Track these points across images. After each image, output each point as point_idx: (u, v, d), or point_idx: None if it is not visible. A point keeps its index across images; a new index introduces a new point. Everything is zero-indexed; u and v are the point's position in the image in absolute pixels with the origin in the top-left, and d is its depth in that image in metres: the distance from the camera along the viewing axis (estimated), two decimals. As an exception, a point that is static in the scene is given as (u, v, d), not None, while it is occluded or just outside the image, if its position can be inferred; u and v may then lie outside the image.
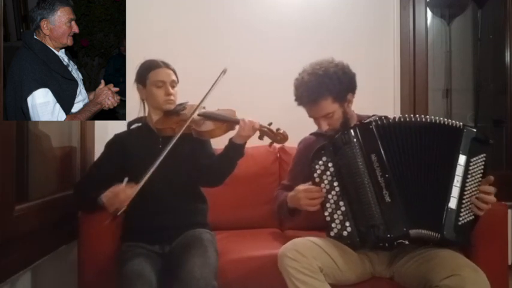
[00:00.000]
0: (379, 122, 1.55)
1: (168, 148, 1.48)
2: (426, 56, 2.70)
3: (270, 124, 1.58)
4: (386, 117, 1.58)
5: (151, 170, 1.45)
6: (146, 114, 1.76)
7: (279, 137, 1.56)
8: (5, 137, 1.25)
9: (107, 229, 1.63)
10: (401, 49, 2.68)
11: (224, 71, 1.57)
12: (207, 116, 1.63)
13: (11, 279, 1.40)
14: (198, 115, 1.63)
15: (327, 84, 1.61)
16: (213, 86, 1.58)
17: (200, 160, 1.67)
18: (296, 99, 1.68)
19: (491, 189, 1.48)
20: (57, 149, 1.81)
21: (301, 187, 1.60)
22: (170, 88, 1.67)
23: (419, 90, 2.68)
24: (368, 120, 1.59)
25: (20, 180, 1.41)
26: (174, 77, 1.71)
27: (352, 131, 1.55)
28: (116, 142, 1.74)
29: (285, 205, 1.69)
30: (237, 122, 1.57)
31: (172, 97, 1.67)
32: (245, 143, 1.58)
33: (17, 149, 1.36)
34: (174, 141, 1.50)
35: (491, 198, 1.47)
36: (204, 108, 1.68)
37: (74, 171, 1.86)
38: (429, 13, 2.84)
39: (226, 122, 1.59)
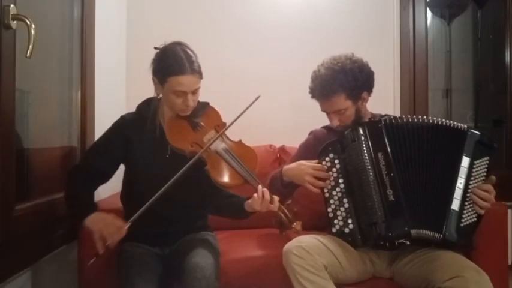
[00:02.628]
0: (388, 121, 1.56)
1: (177, 176, 1.38)
2: (426, 56, 2.70)
3: (289, 205, 1.47)
4: (396, 117, 1.60)
5: (156, 196, 1.37)
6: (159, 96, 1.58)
7: (292, 230, 1.45)
8: (5, 136, 1.25)
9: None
10: (401, 49, 2.68)
11: (257, 97, 1.45)
12: (225, 159, 1.47)
13: (11, 279, 1.40)
14: (217, 151, 1.47)
15: (341, 80, 1.60)
16: (234, 120, 1.47)
17: (206, 187, 1.53)
18: (310, 92, 1.68)
19: (491, 188, 1.49)
20: (57, 149, 1.80)
21: (307, 162, 1.61)
22: (190, 98, 1.48)
23: (419, 90, 2.68)
24: (377, 119, 1.59)
25: (20, 180, 1.41)
26: (198, 84, 1.50)
27: (360, 128, 1.57)
28: (122, 125, 1.61)
29: (279, 177, 1.69)
30: (254, 186, 1.45)
31: (190, 107, 1.51)
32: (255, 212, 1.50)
33: (17, 149, 1.35)
34: (183, 169, 1.39)
35: (490, 196, 1.47)
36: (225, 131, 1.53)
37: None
38: (429, 13, 2.85)
39: (244, 178, 1.45)
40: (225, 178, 1.45)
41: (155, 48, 1.54)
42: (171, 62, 1.47)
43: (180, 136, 1.50)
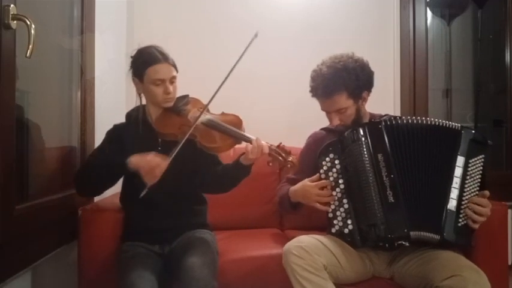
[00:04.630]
0: (388, 123, 1.56)
1: (173, 155, 1.44)
2: (426, 56, 2.71)
3: (280, 145, 1.50)
4: (396, 117, 1.59)
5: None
6: (144, 103, 1.67)
7: (289, 164, 1.48)
8: (5, 136, 1.25)
9: (107, 229, 1.63)
10: (401, 49, 2.68)
11: (256, 35, 1.50)
12: (212, 126, 1.55)
13: (11, 279, 1.40)
14: (203, 123, 1.55)
15: (344, 79, 1.60)
16: (218, 88, 1.52)
17: (204, 166, 1.62)
18: (311, 91, 1.68)
19: (486, 202, 1.47)
20: (57, 149, 1.80)
21: (310, 182, 1.60)
22: (169, 86, 1.58)
23: (419, 90, 2.68)
24: (378, 120, 1.59)
25: (20, 180, 1.41)
26: (174, 73, 1.60)
27: (361, 129, 1.57)
28: (115, 132, 1.68)
29: (287, 199, 1.69)
30: (245, 140, 1.51)
31: (171, 95, 1.59)
32: (252, 164, 1.53)
33: (17, 148, 1.35)
34: (177, 150, 1.44)
35: (486, 210, 1.46)
36: (208, 110, 1.60)
37: (74, 171, 1.86)
38: (429, 13, 2.85)
39: (233, 137, 1.53)
40: (216, 142, 1.52)
41: (131, 56, 1.64)
42: (144, 57, 1.59)
43: (168, 124, 1.59)
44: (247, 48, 1.51)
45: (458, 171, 1.49)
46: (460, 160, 1.49)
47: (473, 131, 1.53)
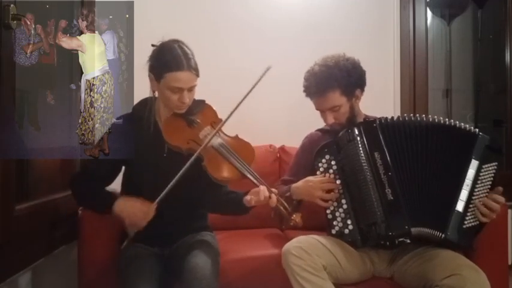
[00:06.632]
0: (383, 121, 1.57)
1: (181, 172, 1.39)
2: (426, 56, 2.71)
3: (288, 195, 1.47)
4: (392, 117, 1.59)
5: (166, 190, 1.39)
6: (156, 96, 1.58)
7: (292, 222, 1.43)
8: (5, 137, 1.25)
9: (106, 229, 1.63)
10: (401, 49, 2.68)
11: (268, 68, 1.44)
12: (222, 154, 1.46)
13: (11, 279, 1.40)
14: (213, 147, 1.47)
15: (336, 76, 1.61)
16: (235, 108, 1.46)
17: (207, 182, 1.51)
18: (304, 91, 1.69)
19: (501, 198, 1.47)
20: (57, 149, 1.80)
21: (314, 178, 1.59)
22: (186, 95, 1.47)
23: (419, 90, 2.68)
24: (372, 119, 1.60)
25: (20, 180, 1.41)
26: (194, 82, 1.48)
27: (356, 128, 1.57)
28: (116, 131, 1.58)
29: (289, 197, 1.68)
30: (254, 183, 1.44)
31: (186, 104, 1.50)
32: (253, 206, 1.48)
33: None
34: (182, 171, 1.39)
35: (498, 206, 1.46)
36: (222, 131, 1.53)
37: (74, 171, 1.86)
38: (429, 13, 2.85)
39: (241, 173, 1.45)
40: (222, 173, 1.45)
41: (152, 45, 1.55)
42: (168, 58, 1.47)
43: (177, 134, 1.50)
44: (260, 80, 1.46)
45: (470, 174, 1.48)
46: (474, 164, 1.49)
47: (488, 137, 1.53)
